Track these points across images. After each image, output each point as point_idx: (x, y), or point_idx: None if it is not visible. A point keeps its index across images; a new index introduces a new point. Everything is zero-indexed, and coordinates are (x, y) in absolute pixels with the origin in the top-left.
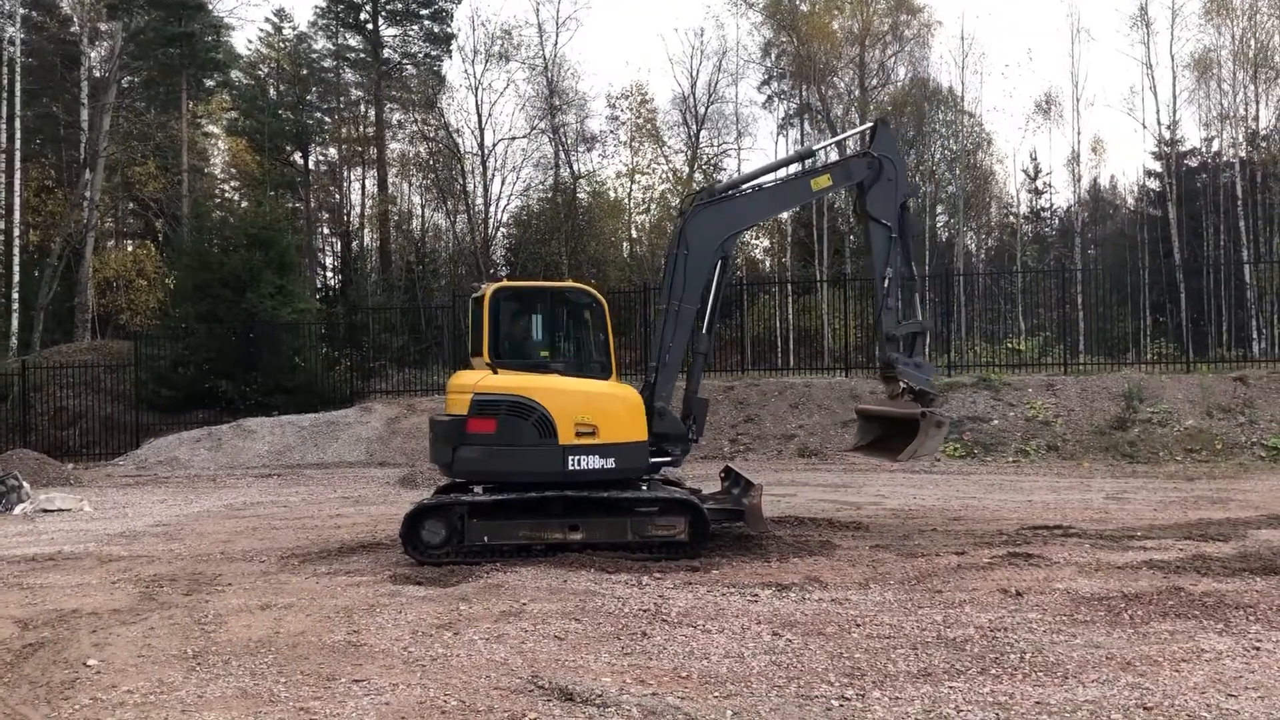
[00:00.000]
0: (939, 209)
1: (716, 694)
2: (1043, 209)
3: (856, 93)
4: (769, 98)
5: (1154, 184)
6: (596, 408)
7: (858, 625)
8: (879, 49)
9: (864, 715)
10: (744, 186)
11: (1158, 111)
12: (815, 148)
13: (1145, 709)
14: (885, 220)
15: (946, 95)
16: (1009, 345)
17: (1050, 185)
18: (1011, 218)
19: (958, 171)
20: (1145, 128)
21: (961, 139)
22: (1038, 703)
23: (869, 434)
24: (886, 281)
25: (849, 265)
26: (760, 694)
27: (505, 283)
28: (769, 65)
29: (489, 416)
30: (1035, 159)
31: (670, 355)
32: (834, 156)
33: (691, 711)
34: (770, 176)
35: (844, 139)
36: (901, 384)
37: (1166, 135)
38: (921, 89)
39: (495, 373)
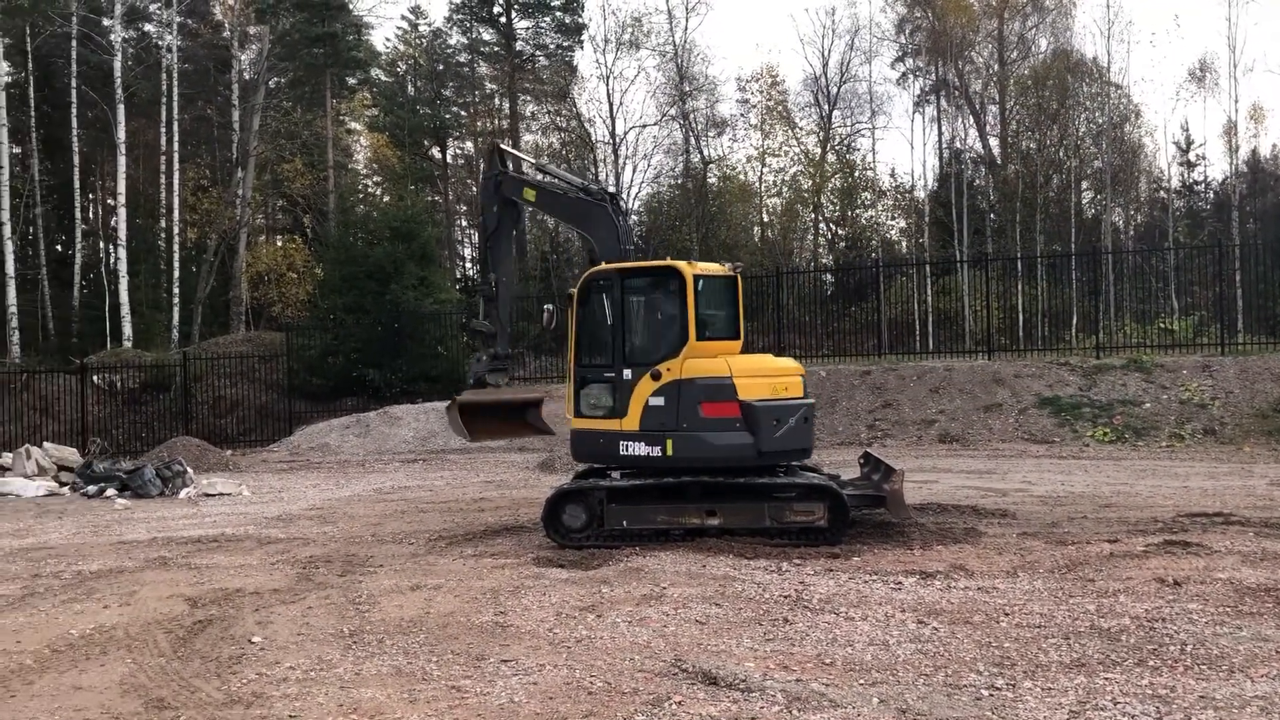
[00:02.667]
0: (1084, 185)
1: (861, 681)
2: (1196, 182)
3: (995, 67)
4: (903, 75)
5: None
6: None
7: (1006, 614)
8: (1018, 21)
9: (1015, 706)
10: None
11: None
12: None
13: None
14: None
15: (1091, 66)
16: (1161, 325)
17: (1204, 157)
18: (1162, 192)
19: (1104, 146)
20: None
21: (1107, 111)
22: (1201, 697)
23: (478, 423)
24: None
25: (990, 244)
26: (906, 682)
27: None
28: (903, 42)
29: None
30: (1187, 130)
31: None
32: None
33: (837, 698)
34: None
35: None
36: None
37: None
38: (1064, 61)
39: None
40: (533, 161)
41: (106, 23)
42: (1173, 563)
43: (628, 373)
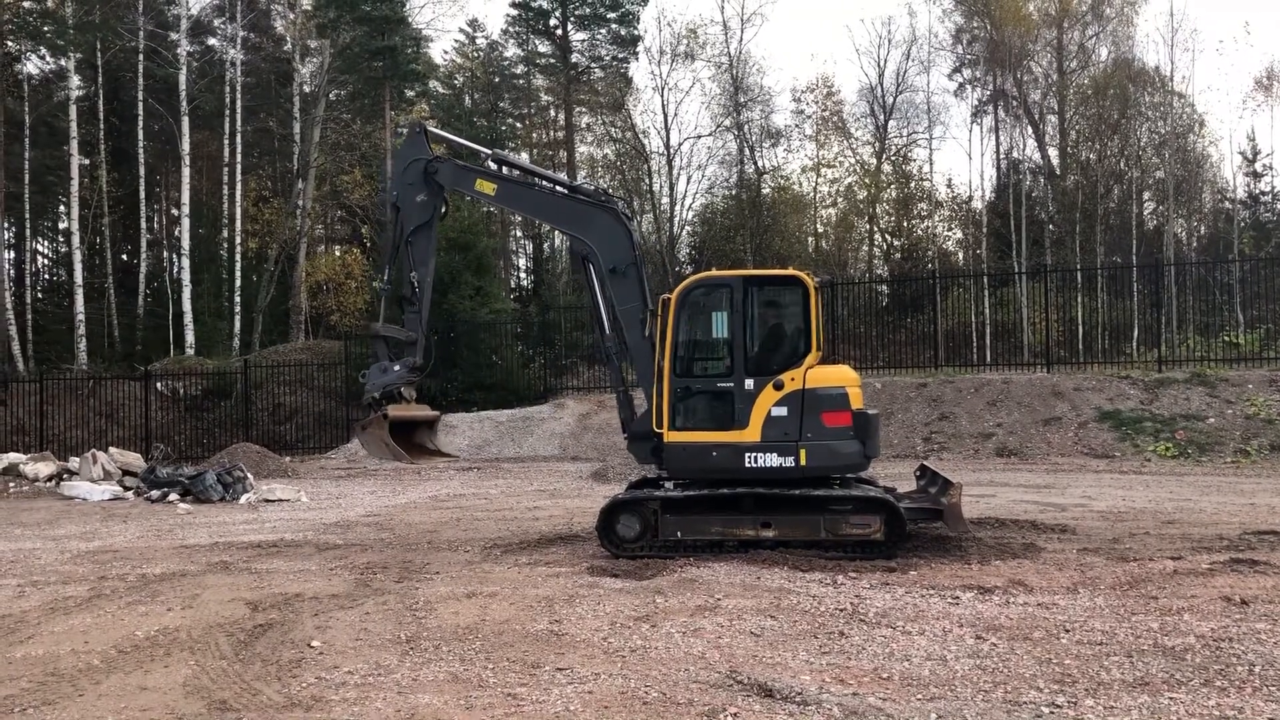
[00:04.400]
0: (1145, 196)
1: (919, 696)
2: (1262, 193)
3: (1054, 77)
4: (960, 85)
5: None
6: None
7: (1067, 631)
8: (1078, 30)
9: None
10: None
11: None
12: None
13: None
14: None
15: (1153, 76)
16: (1226, 339)
17: (1270, 168)
18: (1227, 203)
19: (1166, 156)
20: None
21: (1171, 121)
22: (1270, 719)
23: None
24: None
25: (1049, 256)
26: (965, 698)
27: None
28: (960, 52)
29: None
30: (1254, 140)
31: None
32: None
33: (894, 713)
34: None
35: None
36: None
37: None
38: (1125, 70)
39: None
40: (475, 148)
41: (173, 37)
42: (1239, 581)
43: (749, 383)
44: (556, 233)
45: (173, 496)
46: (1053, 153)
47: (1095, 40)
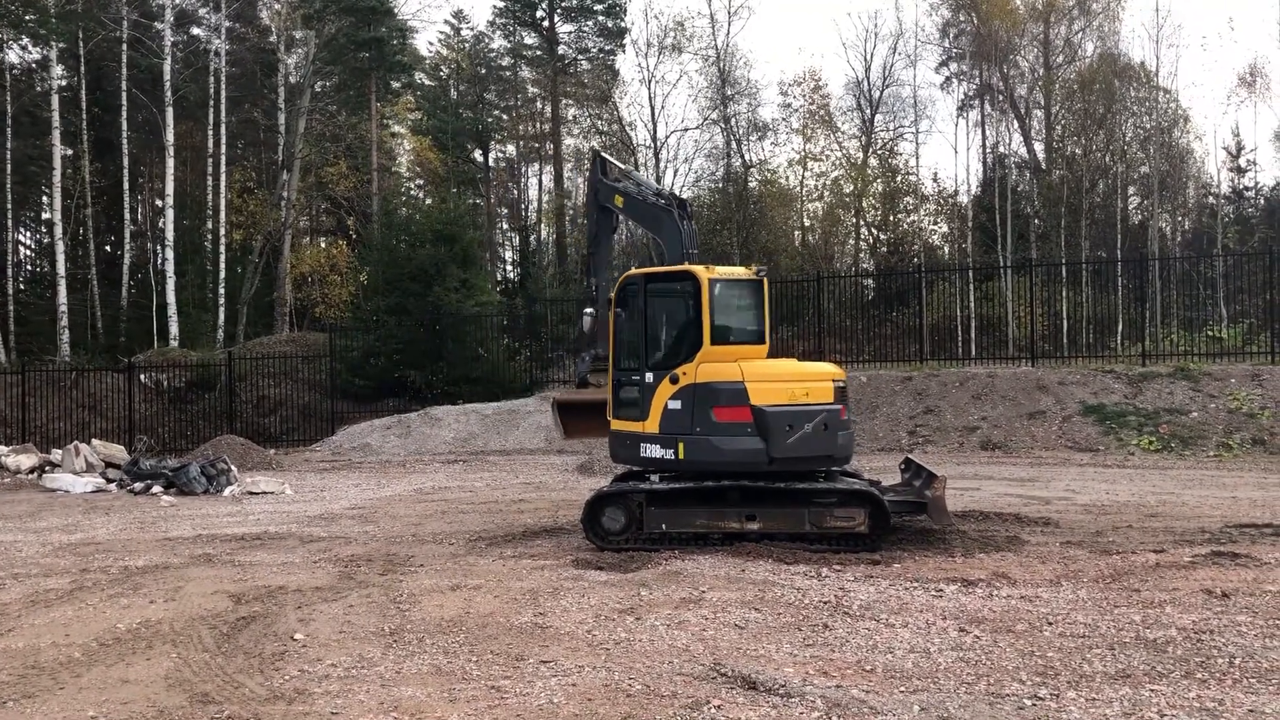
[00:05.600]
0: (1130, 190)
1: (902, 689)
2: (1246, 188)
3: (1040, 71)
4: (947, 79)
5: None
6: None
7: (1049, 623)
8: (1064, 25)
9: (1058, 716)
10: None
11: None
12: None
13: None
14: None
15: (1138, 71)
16: (1209, 333)
17: (1254, 163)
18: (1211, 198)
19: (1151, 151)
20: None
21: (1155, 116)
22: (1250, 710)
23: (569, 419)
24: (596, 290)
25: (1034, 250)
26: (948, 690)
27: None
28: (947, 46)
29: (844, 403)
30: (1238, 135)
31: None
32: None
33: (877, 705)
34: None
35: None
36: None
37: None
38: (1111, 65)
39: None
40: (622, 168)
41: (157, 27)
42: (1221, 574)
43: (649, 376)
44: (543, 225)
45: (156, 489)
46: (1038, 147)
47: (1081, 35)
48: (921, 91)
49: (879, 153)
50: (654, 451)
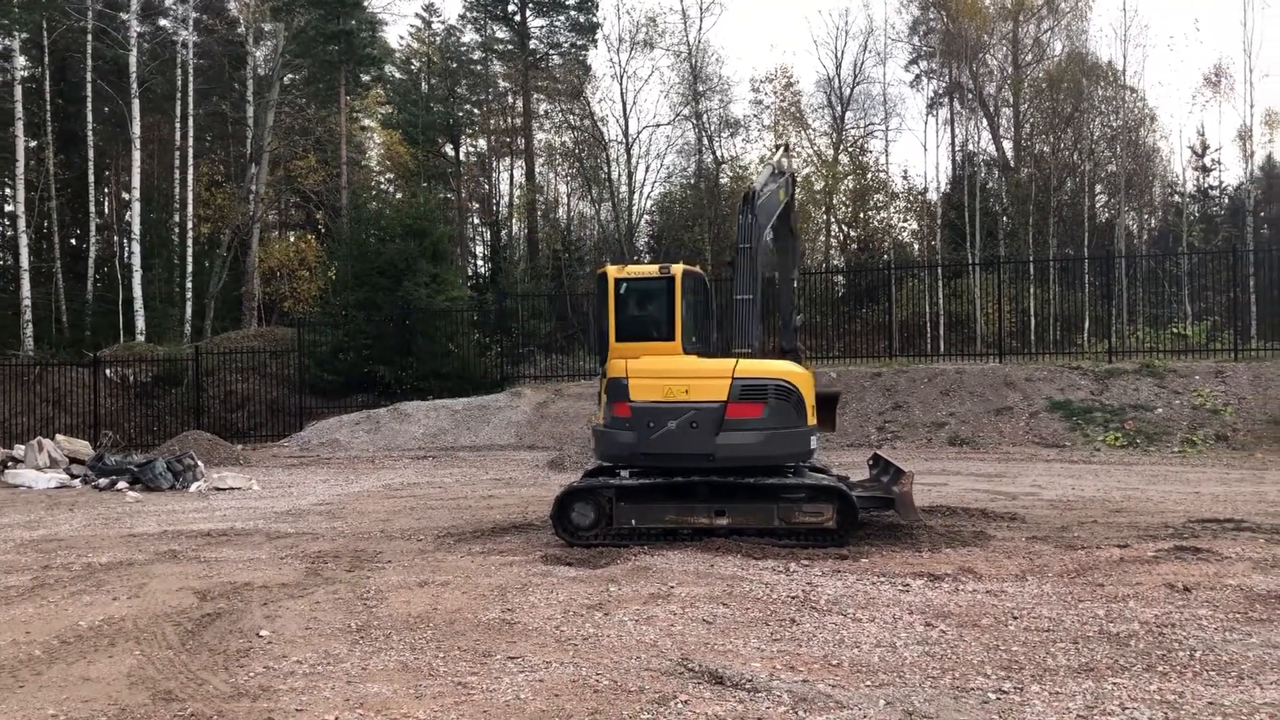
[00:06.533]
0: (1098, 188)
1: (868, 683)
2: (1211, 187)
3: (1009, 70)
4: (917, 77)
5: None
6: (812, 390)
7: (1015, 618)
8: (1033, 24)
9: (1022, 710)
10: (767, 188)
11: None
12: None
13: None
14: (796, 232)
15: (1106, 70)
16: (1174, 330)
17: (1219, 163)
18: (1176, 197)
19: (1118, 150)
20: None
21: (1122, 115)
22: (1210, 703)
23: None
24: (795, 283)
25: (1002, 247)
26: (913, 684)
27: (686, 265)
28: (917, 44)
29: (756, 401)
30: (1203, 135)
31: (758, 340)
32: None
33: (843, 699)
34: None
35: (778, 158)
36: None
37: None
38: (1079, 64)
39: (741, 356)
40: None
41: (123, 17)
42: (1183, 568)
43: (600, 371)
44: (514, 220)
45: (121, 484)
46: (1007, 145)
47: (1050, 34)
48: (891, 89)
49: (850, 150)
50: (592, 444)
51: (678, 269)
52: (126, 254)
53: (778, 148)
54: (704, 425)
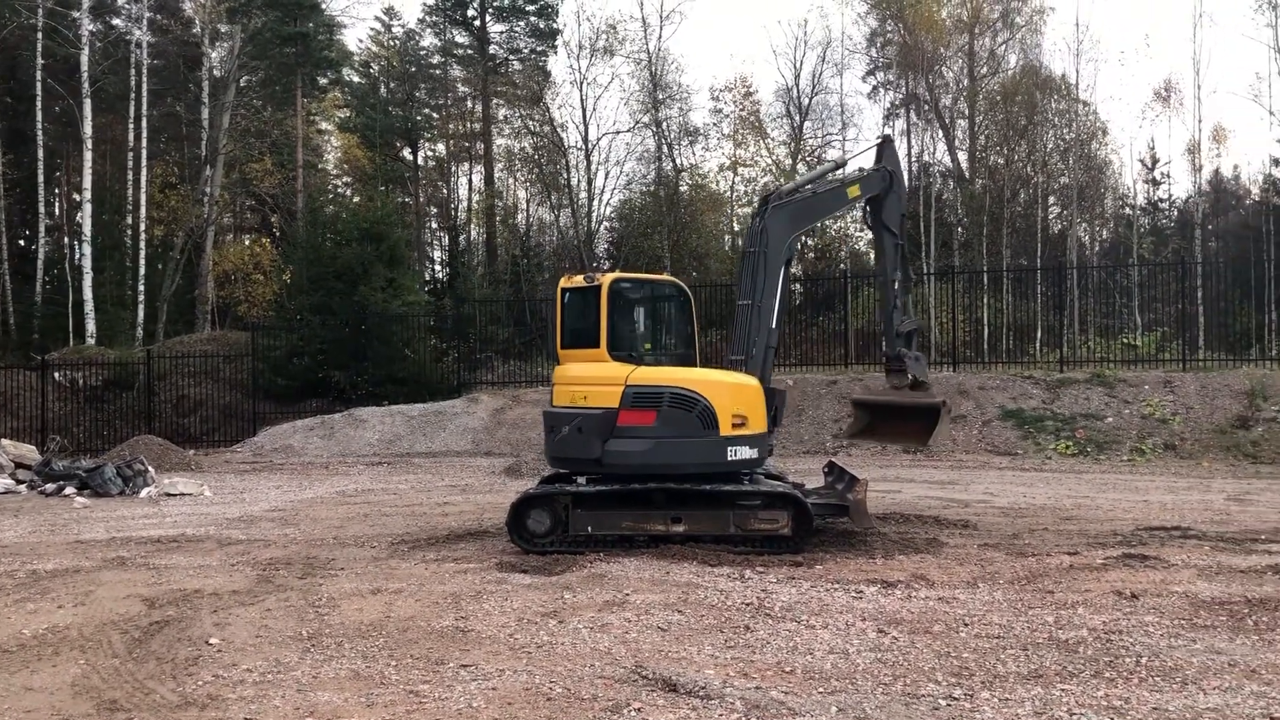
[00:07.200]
0: (1051, 200)
1: (821, 690)
2: (1160, 200)
3: (965, 82)
4: (874, 88)
5: None
6: (745, 398)
7: (966, 624)
8: (989, 37)
9: (972, 716)
10: (805, 188)
11: None
12: (847, 157)
13: (1271, 719)
14: (895, 229)
15: (1060, 84)
16: (1124, 341)
17: (1169, 176)
18: (1127, 209)
19: (1071, 162)
20: (1272, 115)
21: (1075, 128)
22: (1155, 709)
23: (863, 422)
24: (896, 284)
25: (957, 258)
26: (865, 691)
27: (619, 274)
28: (874, 55)
29: (647, 409)
30: (1153, 149)
31: (756, 349)
32: (851, 168)
33: (796, 706)
34: (824, 181)
35: (860, 153)
36: (909, 376)
37: None
38: (1033, 77)
39: (640, 364)
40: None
41: (74, 15)
42: (1131, 576)
43: None
44: (473, 225)
45: (69, 490)
46: (962, 157)
47: (1005, 47)
48: (849, 100)
49: (808, 159)
50: None
51: (607, 278)
52: (77, 256)
53: (882, 139)
54: (594, 431)
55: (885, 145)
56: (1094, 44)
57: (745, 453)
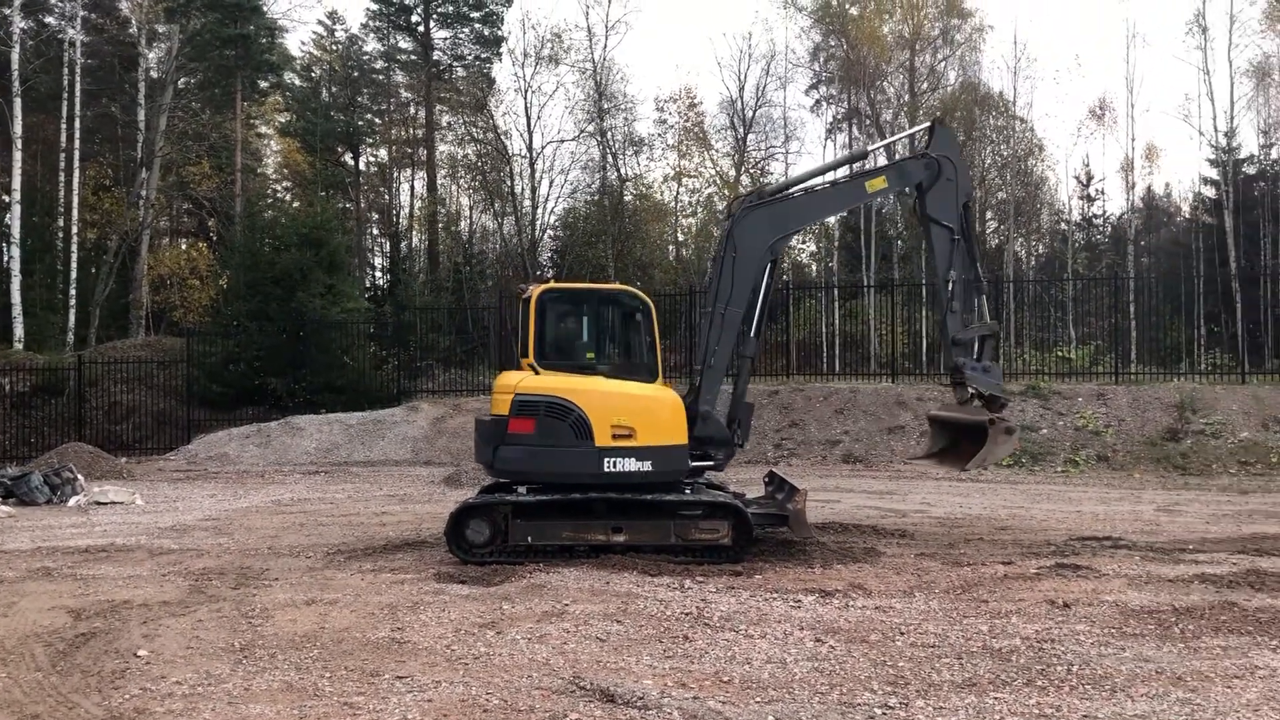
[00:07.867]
0: (989, 215)
1: (758, 699)
2: (1095, 216)
3: (906, 97)
4: (817, 102)
5: (1210, 191)
6: (634, 409)
7: (902, 633)
8: (929, 53)
9: None
10: (795, 188)
11: (1214, 118)
12: (870, 149)
13: None
14: (946, 222)
15: (998, 100)
16: (1059, 354)
17: (1103, 192)
18: (1063, 225)
19: (1008, 178)
20: (1202, 134)
21: (1013, 145)
22: (1085, 716)
23: (940, 441)
24: (950, 285)
25: (896, 270)
26: (802, 700)
27: (551, 284)
28: (817, 69)
29: (528, 417)
30: (1088, 166)
31: (715, 359)
32: (883, 159)
33: (733, 716)
34: (821, 179)
35: (899, 139)
36: (970, 389)
37: (1223, 142)
38: (972, 94)
39: (537, 374)
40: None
41: (4, 12)
42: (1063, 585)
43: None
44: (414, 232)
45: None
46: None
47: (945, 64)
48: (792, 113)
49: (751, 171)
50: None
51: (536, 289)
52: (5, 258)
53: (934, 122)
54: (489, 437)
55: (936, 129)
56: (1030, 62)
57: (630, 465)
